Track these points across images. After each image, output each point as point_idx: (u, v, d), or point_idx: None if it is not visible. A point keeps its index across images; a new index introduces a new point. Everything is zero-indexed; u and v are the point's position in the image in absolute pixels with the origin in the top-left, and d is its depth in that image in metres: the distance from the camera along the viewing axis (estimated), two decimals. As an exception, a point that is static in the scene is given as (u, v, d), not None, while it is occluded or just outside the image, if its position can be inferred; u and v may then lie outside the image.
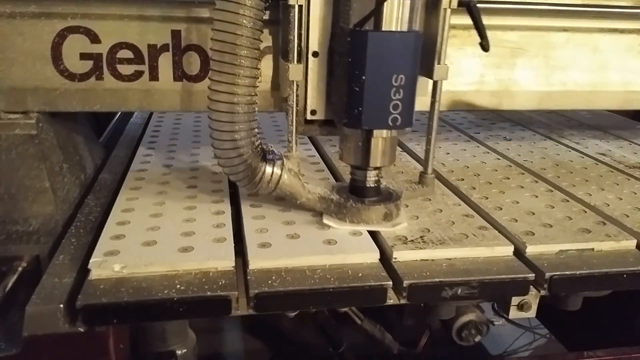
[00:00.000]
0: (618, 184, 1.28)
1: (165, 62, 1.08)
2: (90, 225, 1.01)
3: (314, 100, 1.02)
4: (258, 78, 0.95)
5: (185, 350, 1.08)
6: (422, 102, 1.04)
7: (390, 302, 0.85)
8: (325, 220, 1.01)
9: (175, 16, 1.06)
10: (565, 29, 1.30)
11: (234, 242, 0.91)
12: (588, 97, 1.36)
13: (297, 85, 0.98)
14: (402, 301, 0.85)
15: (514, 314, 0.97)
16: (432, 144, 1.07)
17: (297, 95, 0.99)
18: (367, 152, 0.99)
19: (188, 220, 0.99)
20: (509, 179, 1.29)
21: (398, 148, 1.38)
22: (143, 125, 1.68)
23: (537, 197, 1.18)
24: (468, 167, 1.36)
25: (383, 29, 0.90)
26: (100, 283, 0.80)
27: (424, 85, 1.04)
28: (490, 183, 1.25)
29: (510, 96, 1.31)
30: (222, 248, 0.89)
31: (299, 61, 0.97)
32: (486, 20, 1.03)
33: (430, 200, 1.13)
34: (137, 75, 1.08)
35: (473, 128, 1.78)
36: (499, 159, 1.45)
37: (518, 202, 1.14)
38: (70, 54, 1.05)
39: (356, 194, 1.04)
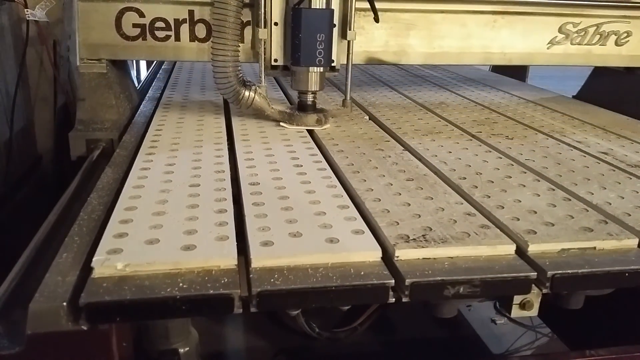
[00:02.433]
0: (620, 183, 1.28)
1: (184, 30, 1.74)
2: (93, 223, 1.01)
3: (276, 52, 1.69)
4: (241, 39, 1.68)
5: (187, 349, 1.08)
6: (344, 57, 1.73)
7: (392, 300, 0.85)
8: (282, 124, 1.70)
9: (190, 1, 1.71)
10: (442, 11, 1.95)
11: (237, 241, 0.91)
12: (458, 56, 2.03)
13: (265, 42, 1.65)
14: (405, 299, 0.85)
15: (516, 312, 0.97)
16: (348, 80, 1.76)
17: (264, 49, 1.67)
18: (307, 81, 1.66)
19: (191, 218, 0.99)
20: (510, 177, 1.29)
21: (400, 147, 1.51)
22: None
23: (538, 195, 1.18)
24: (470, 166, 1.37)
25: (312, 7, 1.57)
26: (103, 281, 0.81)
27: (344, 44, 1.71)
28: (492, 182, 1.25)
29: (406, 55, 1.97)
30: (225, 246, 0.89)
31: (265, 27, 1.64)
32: (389, 6, 1.86)
33: (432, 198, 1.13)
34: (167, 38, 1.75)
35: (475, 127, 1.78)
36: (501, 158, 1.45)
37: (520, 201, 1.14)
38: (126, 24, 1.71)
39: (301, 109, 1.71)
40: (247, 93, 1.64)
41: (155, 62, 2.95)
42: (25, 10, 2.61)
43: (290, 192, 1.14)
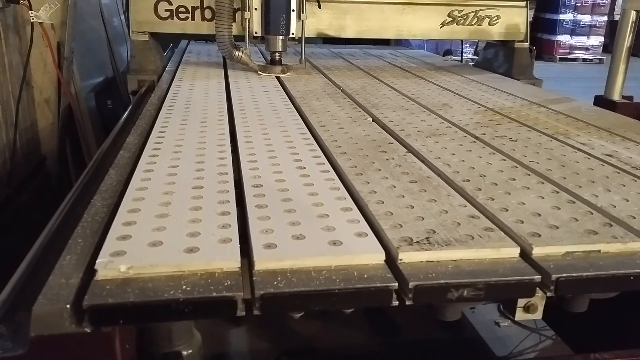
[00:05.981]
0: (624, 185, 1.27)
1: (198, 13, 2.78)
2: (96, 225, 1.01)
3: (256, 27, 2.65)
4: (234, 19, 2.67)
5: (191, 351, 1.08)
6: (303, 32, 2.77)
7: (395, 303, 0.85)
8: (260, 72, 2.69)
9: (202, -6, 2.76)
10: (367, 2, 2.95)
11: (240, 243, 0.91)
12: (379, 32, 3.03)
13: (249, 21, 2.64)
14: (408, 302, 0.85)
15: (520, 315, 0.96)
16: (302, 46, 2.79)
17: (249, 25, 2.66)
18: (275, 44, 2.67)
19: (194, 220, 0.99)
20: (514, 180, 1.29)
21: (403, 149, 1.51)
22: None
23: (543, 198, 1.17)
24: (474, 168, 1.36)
25: None
26: (107, 283, 0.81)
27: (300, 23, 2.68)
28: (496, 184, 1.25)
29: (343, 31, 2.96)
30: (228, 249, 0.89)
31: (249, 10, 2.62)
32: (332, -2, 2.92)
33: (436, 201, 1.13)
34: (187, 18, 2.79)
35: (479, 129, 1.78)
36: (505, 160, 1.45)
37: (524, 203, 1.13)
38: (161, 9, 2.75)
39: (272, 63, 2.72)
40: (237, 53, 2.66)
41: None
42: (30, 12, 2.62)
43: (293, 194, 1.14)
